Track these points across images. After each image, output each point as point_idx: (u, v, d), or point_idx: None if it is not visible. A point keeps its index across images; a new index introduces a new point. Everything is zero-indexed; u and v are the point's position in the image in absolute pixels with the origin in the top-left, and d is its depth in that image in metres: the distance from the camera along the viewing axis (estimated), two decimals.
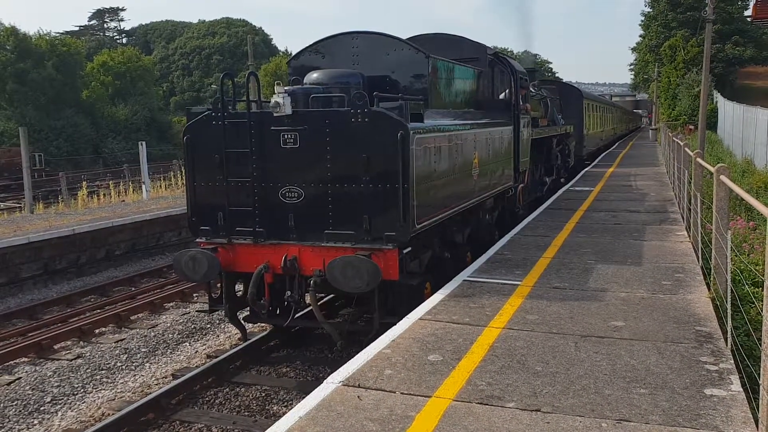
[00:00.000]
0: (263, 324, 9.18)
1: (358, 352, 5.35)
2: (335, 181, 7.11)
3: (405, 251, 7.11)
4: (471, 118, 9.75)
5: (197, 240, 7.75)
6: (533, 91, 15.02)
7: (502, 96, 11.86)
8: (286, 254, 7.25)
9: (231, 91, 7.85)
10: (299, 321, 8.04)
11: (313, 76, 8.12)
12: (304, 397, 4.59)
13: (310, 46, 9.11)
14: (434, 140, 7.62)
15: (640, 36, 69.71)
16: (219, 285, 7.99)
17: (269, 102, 7.22)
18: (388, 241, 6.92)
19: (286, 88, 7.38)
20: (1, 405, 7.56)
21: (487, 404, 4.31)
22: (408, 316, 6.24)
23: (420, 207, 7.12)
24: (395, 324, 5.98)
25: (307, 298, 7.28)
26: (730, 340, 5.23)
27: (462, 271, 7.97)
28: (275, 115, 7.10)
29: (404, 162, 6.80)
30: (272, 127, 7.25)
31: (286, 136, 7.22)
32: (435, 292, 7.03)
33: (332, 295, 9.36)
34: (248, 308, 8.09)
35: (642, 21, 66.96)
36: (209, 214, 7.61)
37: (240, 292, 8.16)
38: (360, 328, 8.00)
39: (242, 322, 8.26)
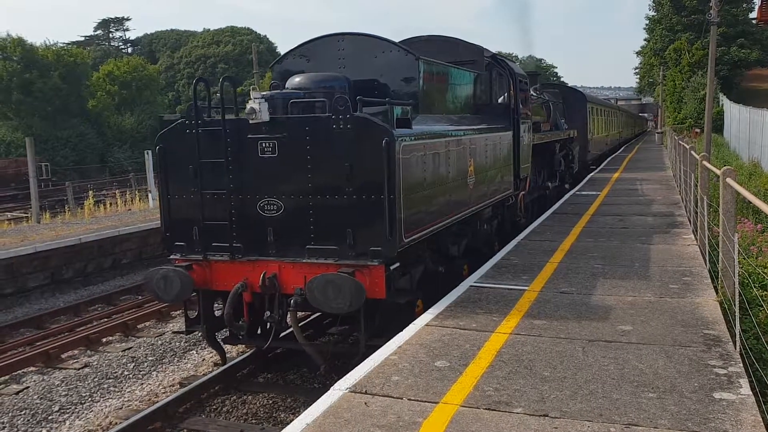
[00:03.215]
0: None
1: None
2: (316, 193, 6.68)
3: (392, 267, 6.64)
4: (467, 123, 9.34)
5: (171, 256, 7.33)
6: (535, 94, 14.66)
7: (500, 100, 11.48)
8: (265, 271, 6.82)
9: (206, 97, 7.41)
10: (281, 342, 7.62)
11: (296, 80, 7.67)
12: (311, 404, 4.58)
13: (294, 49, 8.70)
14: (423, 147, 7.21)
15: (645, 40, 69.67)
16: (197, 304, 7.59)
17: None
18: (373, 257, 6.47)
19: (263, 93, 7.00)
20: (10, 414, 7.58)
21: (494, 410, 4.29)
22: (414, 322, 6.23)
23: (408, 219, 6.71)
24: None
25: (289, 318, 6.92)
26: (738, 343, 5.20)
27: (467, 278, 7.94)
28: (251, 122, 6.67)
29: (390, 171, 6.38)
30: (249, 135, 6.83)
31: (263, 145, 6.79)
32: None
33: (318, 314, 8.85)
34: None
35: (646, 25, 66.94)
36: (184, 228, 7.18)
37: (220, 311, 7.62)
38: (345, 351, 7.58)
39: (221, 343, 7.84)
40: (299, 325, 7.17)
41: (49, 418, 7.51)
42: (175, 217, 7.27)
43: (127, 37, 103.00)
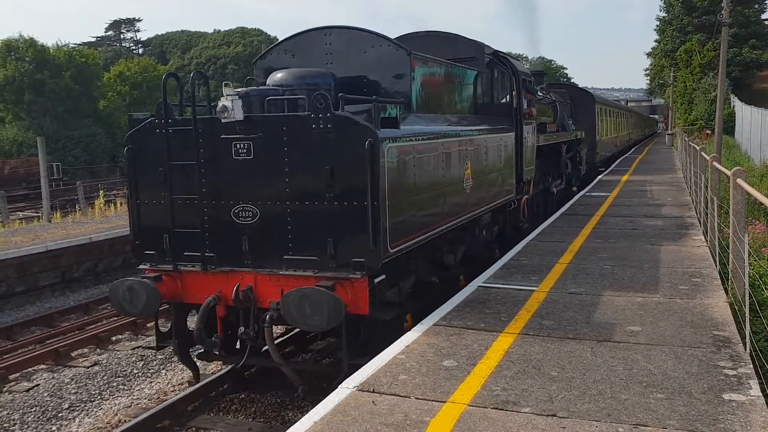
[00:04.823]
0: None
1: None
2: (295, 199, 6.13)
3: (377, 280, 6.13)
4: (465, 124, 8.82)
5: (141, 266, 6.81)
6: (541, 94, 14.25)
7: (503, 100, 10.94)
8: (239, 284, 6.31)
9: (178, 94, 6.90)
10: (257, 360, 6.94)
11: (277, 76, 7.12)
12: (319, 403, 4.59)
13: (279, 44, 8.16)
14: (413, 149, 6.66)
15: (656, 41, 69.47)
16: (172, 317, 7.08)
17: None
18: (355, 269, 5.92)
19: (238, 89, 6.47)
20: (21, 411, 7.64)
21: (502, 409, 4.29)
22: (422, 321, 6.22)
23: (395, 227, 6.17)
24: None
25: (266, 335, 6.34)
26: (748, 344, 5.17)
27: (476, 278, 7.93)
28: (223, 121, 6.13)
29: (373, 175, 5.83)
30: (222, 136, 6.29)
31: (238, 146, 6.25)
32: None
33: (298, 329, 8.21)
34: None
35: (657, 26, 66.71)
36: (154, 236, 6.64)
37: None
38: (326, 370, 7.11)
39: (195, 360, 7.27)
40: (275, 342, 6.68)
41: (59, 415, 7.57)
42: (145, 223, 6.76)
43: (138, 38, 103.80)
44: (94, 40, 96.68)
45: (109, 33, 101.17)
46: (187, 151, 6.44)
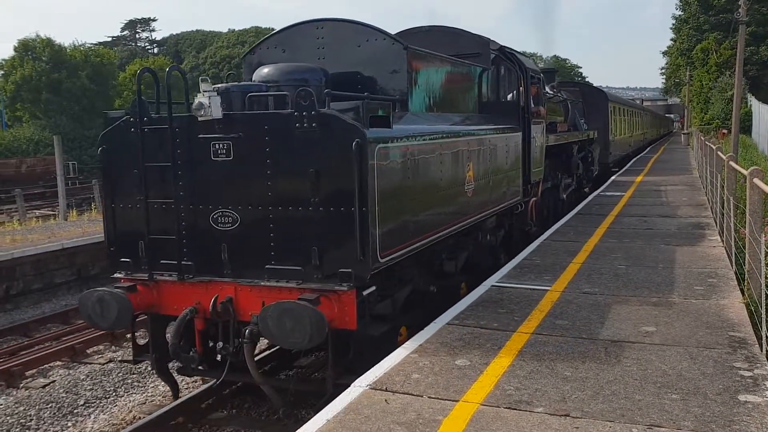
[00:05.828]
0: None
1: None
2: (277, 203, 5.71)
3: (366, 292, 5.67)
4: (468, 123, 8.46)
5: (115, 275, 6.37)
6: (551, 92, 13.87)
7: (509, 97, 10.48)
8: (218, 295, 5.88)
9: (156, 91, 6.48)
10: (238, 376, 6.48)
11: (263, 72, 6.70)
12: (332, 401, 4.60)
13: (269, 37, 7.79)
14: (406, 150, 6.21)
15: (672, 39, 68.87)
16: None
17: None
18: (342, 280, 5.49)
19: (217, 85, 6.04)
20: (37, 407, 7.72)
21: (515, 409, 4.28)
22: (435, 321, 6.20)
23: (386, 235, 5.73)
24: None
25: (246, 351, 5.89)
26: (765, 345, 5.13)
27: (490, 277, 7.91)
28: (200, 119, 5.73)
29: (361, 178, 5.40)
30: (200, 135, 5.87)
31: (216, 146, 5.81)
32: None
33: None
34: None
35: (673, 24, 66.18)
36: (130, 243, 6.21)
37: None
38: (310, 389, 6.77)
39: (174, 375, 6.95)
40: (267, 353, 6.38)
41: (75, 411, 7.64)
42: (120, 229, 6.32)
43: (153, 37, 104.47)
44: (109, 39, 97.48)
45: (125, 33, 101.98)
46: (162, 151, 6.03)
